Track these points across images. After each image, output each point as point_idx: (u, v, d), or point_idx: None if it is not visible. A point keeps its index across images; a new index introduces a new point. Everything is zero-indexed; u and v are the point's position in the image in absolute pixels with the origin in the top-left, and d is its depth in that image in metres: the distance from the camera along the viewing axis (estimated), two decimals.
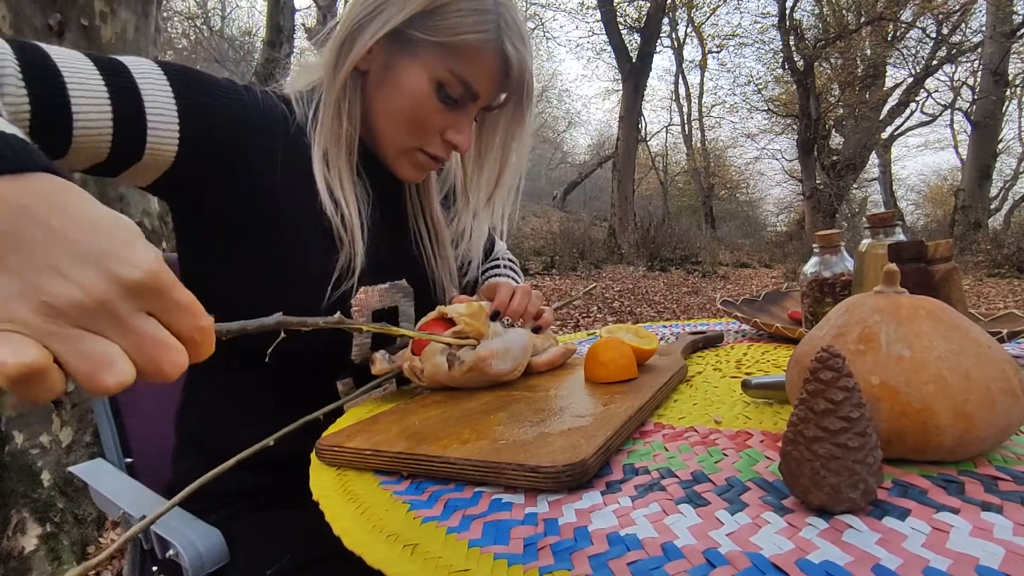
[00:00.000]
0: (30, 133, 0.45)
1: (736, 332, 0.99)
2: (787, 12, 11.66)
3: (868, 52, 12.81)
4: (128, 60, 0.52)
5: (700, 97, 18.28)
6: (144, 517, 0.56)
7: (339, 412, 0.61)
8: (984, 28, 10.42)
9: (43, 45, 0.47)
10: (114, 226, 0.26)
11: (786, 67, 12.33)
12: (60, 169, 0.28)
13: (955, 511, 0.30)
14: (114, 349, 0.24)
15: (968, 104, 13.23)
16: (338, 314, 0.46)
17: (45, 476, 1.41)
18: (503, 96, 0.66)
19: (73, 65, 0.47)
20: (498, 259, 0.92)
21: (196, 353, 0.27)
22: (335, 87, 0.61)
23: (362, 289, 0.64)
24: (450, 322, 0.63)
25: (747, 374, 0.66)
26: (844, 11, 12.13)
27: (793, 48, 11.83)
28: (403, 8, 0.57)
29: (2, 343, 0.22)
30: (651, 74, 10.24)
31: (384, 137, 0.64)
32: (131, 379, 0.25)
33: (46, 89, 0.45)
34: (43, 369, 0.23)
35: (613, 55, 10.30)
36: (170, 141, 0.52)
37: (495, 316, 0.70)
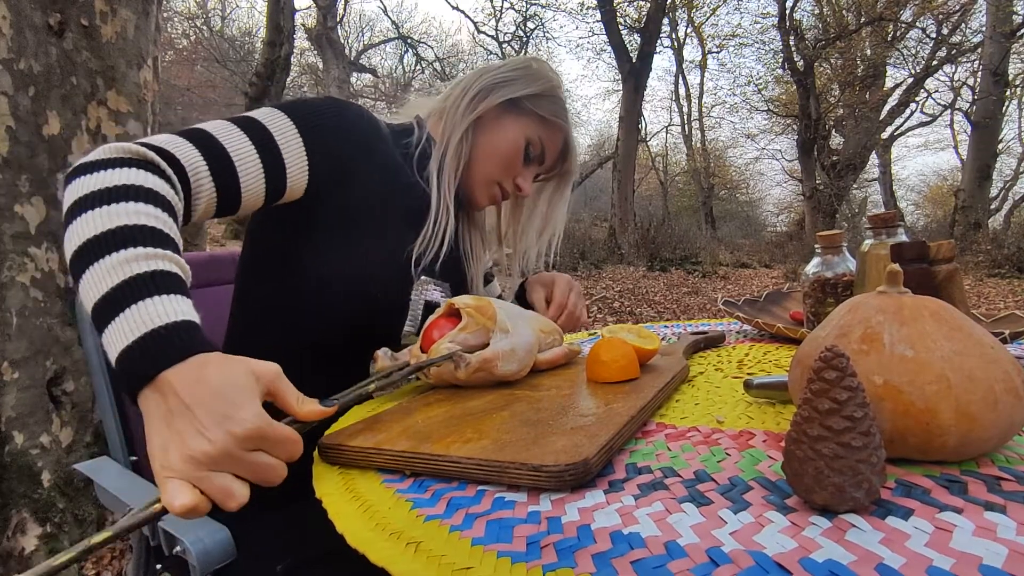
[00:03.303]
0: (217, 209, 0.62)
1: (737, 332, 0.99)
2: (787, 12, 11.64)
3: (868, 52, 12.79)
4: (268, 121, 0.65)
5: (700, 97, 18.28)
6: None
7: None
8: (984, 28, 10.40)
9: (213, 133, 0.60)
10: (231, 391, 0.39)
11: (786, 67, 12.32)
12: (202, 340, 0.43)
13: (958, 511, 0.30)
14: (234, 482, 0.38)
15: (968, 104, 13.21)
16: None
17: (45, 476, 1.41)
18: (553, 171, 0.90)
19: (240, 149, 0.61)
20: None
21: (293, 459, 0.42)
22: (464, 123, 0.80)
23: (423, 277, 0.77)
24: (458, 316, 0.63)
25: (749, 374, 0.66)
26: (844, 11, 12.11)
27: (793, 48, 11.82)
28: (526, 87, 0.82)
29: (169, 488, 0.37)
30: (651, 74, 10.22)
31: (478, 167, 0.83)
32: (246, 499, 0.39)
33: (228, 182, 0.60)
34: (195, 505, 0.37)
35: (613, 55, 10.28)
36: (302, 183, 0.67)
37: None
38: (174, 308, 0.44)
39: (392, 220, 0.74)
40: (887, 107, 13.12)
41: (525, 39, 14.01)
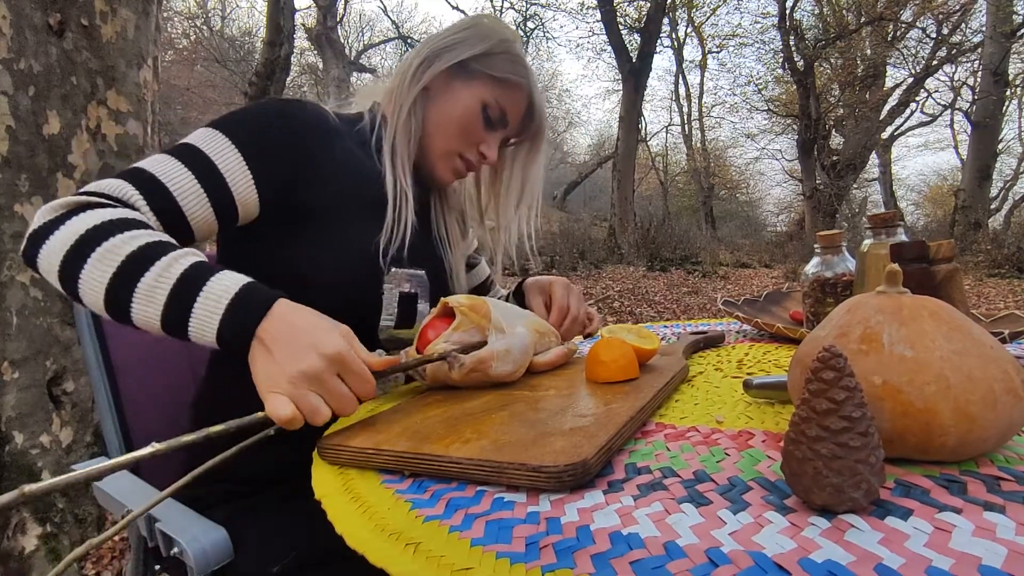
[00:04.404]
0: None
1: (737, 332, 0.99)
2: (787, 12, 11.64)
3: (868, 52, 12.79)
4: (204, 144, 0.63)
5: (700, 97, 18.28)
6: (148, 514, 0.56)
7: None
8: (984, 28, 10.40)
9: (147, 168, 0.60)
10: (317, 327, 0.49)
11: (786, 67, 12.32)
12: (271, 290, 0.52)
13: (957, 511, 0.30)
14: (320, 402, 0.47)
15: (968, 104, 13.20)
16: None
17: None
18: (524, 134, 0.85)
19: (176, 179, 0.61)
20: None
21: (364, 399, 0.51)
22: (410, 96, 0.76)
23: (394, 270, 0.74)
24: (452, 315, 0.63)
25: (748, 374, 0.66)
26: (844, 11, 12.11)
27: (793, 48, 11.81)
28: (473, 48, 0.76)
29: (272, 401, 0.46)
30: (651, 74, 10.22)
31: (434, 140, 0.79)
32: (328, 418, 0.48)
33: (170, 213, 0.60)
34: (294, 416, 0.46)
35: (613, 55, 10.29)
36: (252, 199, 0.66)
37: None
38: (232, 279, 0.51)
39: (356, 213, 0.72)
40: (887, 107, 13.12)
41: (525, 39, 14.01)
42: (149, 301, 0.50)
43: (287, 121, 0.69)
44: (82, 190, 0.57)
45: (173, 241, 0.54)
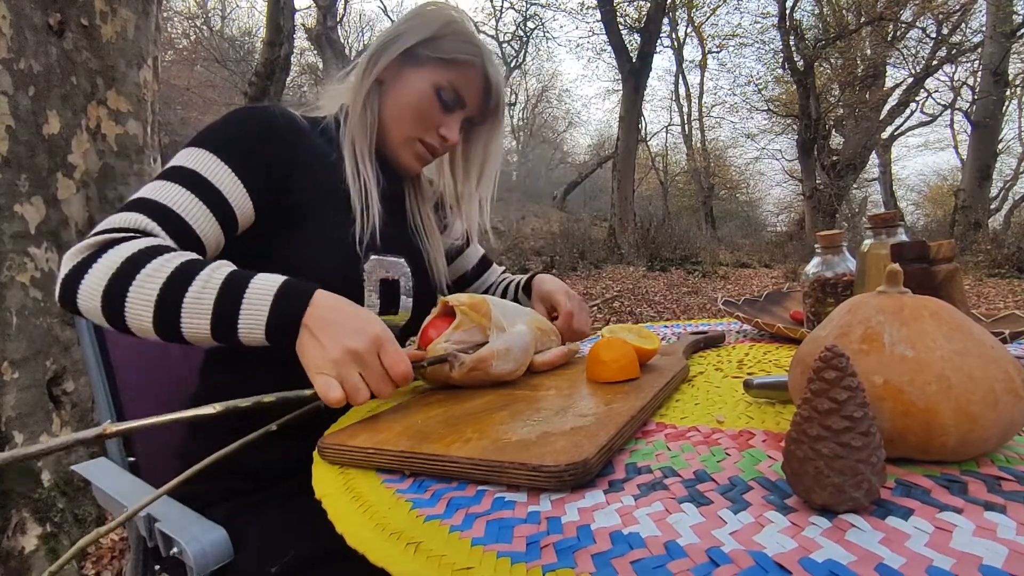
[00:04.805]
0: None
1: (737, 332, 0.99)
2: (787, 12, 11.64)
3: (868, 52, 12.79)
4: (192, 163, 0.65)
5: (700, 97, 18.29)
6: (149, 514, 0.56)
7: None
8: (984, 28, 10.40)
9: (151, 197, 0.62)
10: (361, 313, 0.55)
11: (786, 67, 12.32)
12: (307, 283, 0.56)
13: (958, 511, 0.30)
14: (361, 381, 0.52)
15: (968, 104, 13.21)
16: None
17: (45, 476, 1.41)
18: (485, 112, 0.84)
19: (179, 200, 0.63)
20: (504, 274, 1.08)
21: (400, 381, 0.54)
22: (363, 90, 0.78)
23: (372, 257, 0.75)
24: (453, 314, 0.63)
25: (749, 374, 0.66)
26: (844, 11, 12.11)
27: (793, 48, 11.81)
28: (416, 35, 0.77)
29: (321, 382, 0.51)
30: (651, 74, 10.22)
31: (393, 129, 0.80)
32: (368, 398, 0.52)
33: (184, 234, 0.62)
34: (342, 397, 0.50)
35: (613, 55, 10.29)
36: (248, 207, 0.68)
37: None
38: (270, 278, 0.55)
39: (332, 206, 0.74)
40: (887, 107, 13.11)
41: (525, 39, 14.03)
42: (197, 312, 0.54)
43: (260, 125, 0.71)
44: (98, 228, 0.59)
45: (203, 258, 0.58)
